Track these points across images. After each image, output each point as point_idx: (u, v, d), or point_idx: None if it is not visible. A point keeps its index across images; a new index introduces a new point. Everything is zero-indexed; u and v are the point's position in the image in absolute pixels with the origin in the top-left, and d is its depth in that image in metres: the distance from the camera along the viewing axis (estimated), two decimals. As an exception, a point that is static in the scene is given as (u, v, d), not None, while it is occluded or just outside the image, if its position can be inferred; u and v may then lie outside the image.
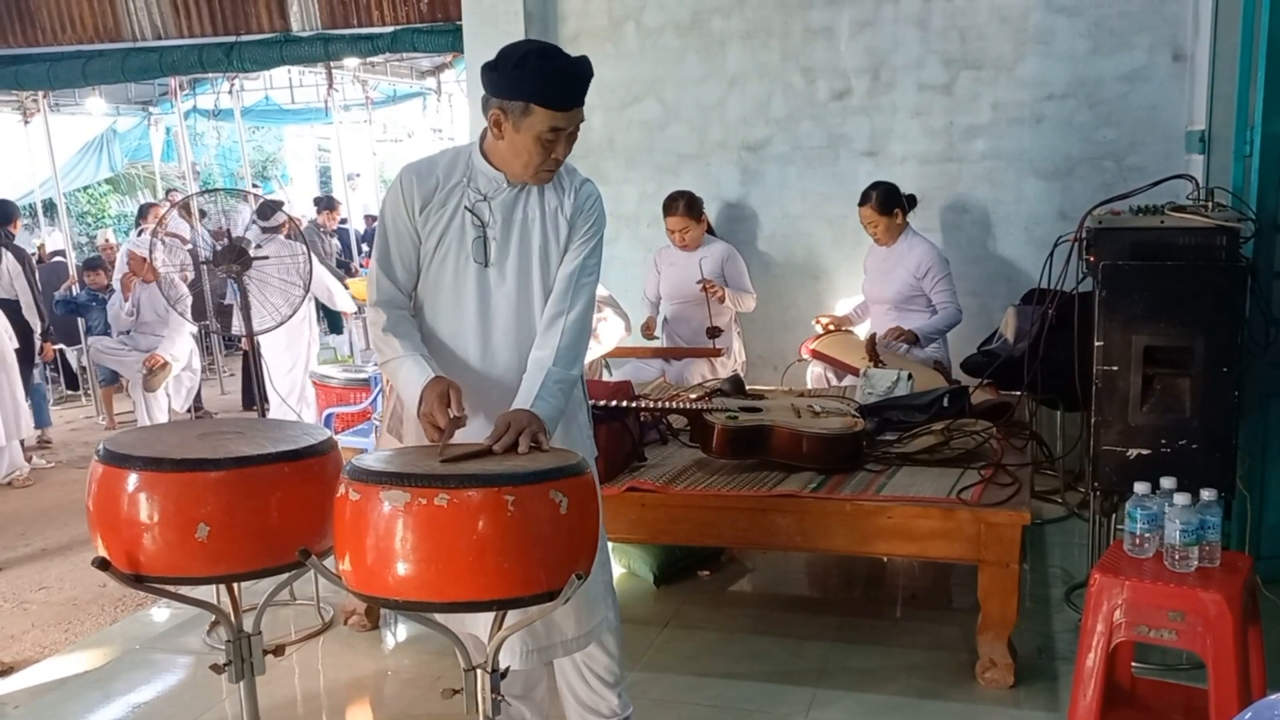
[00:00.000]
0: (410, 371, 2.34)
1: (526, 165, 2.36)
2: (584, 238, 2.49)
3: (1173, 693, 2.76)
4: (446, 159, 2.45)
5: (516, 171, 2.39)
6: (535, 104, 2.27)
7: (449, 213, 2.41)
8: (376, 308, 2.42)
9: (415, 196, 2.40)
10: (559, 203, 2.47)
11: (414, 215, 2.40)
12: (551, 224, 2.46)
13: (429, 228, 2.41)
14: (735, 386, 4.11)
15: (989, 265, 5.20)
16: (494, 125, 2.34)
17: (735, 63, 5.42)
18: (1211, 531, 2.43)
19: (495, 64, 2.30)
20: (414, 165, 2.45)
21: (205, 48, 6.99)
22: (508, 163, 2.38)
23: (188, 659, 3.58)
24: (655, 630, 3.55)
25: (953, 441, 3.57)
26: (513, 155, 2.36)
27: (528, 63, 2.27)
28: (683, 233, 4.91)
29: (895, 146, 5.24)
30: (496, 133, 2.34)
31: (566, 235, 2.47)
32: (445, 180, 2.41)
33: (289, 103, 14.41)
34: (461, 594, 1.95)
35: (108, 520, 2.12)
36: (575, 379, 2.46)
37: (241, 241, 4.51)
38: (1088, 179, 5.00)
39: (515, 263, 2.44)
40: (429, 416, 2.25)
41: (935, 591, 3.98)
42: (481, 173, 2.42)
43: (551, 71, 2.28)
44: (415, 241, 2.42)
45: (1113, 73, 4.93)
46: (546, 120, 2.28)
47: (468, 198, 2.41)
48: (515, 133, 2.31)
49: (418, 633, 3.67)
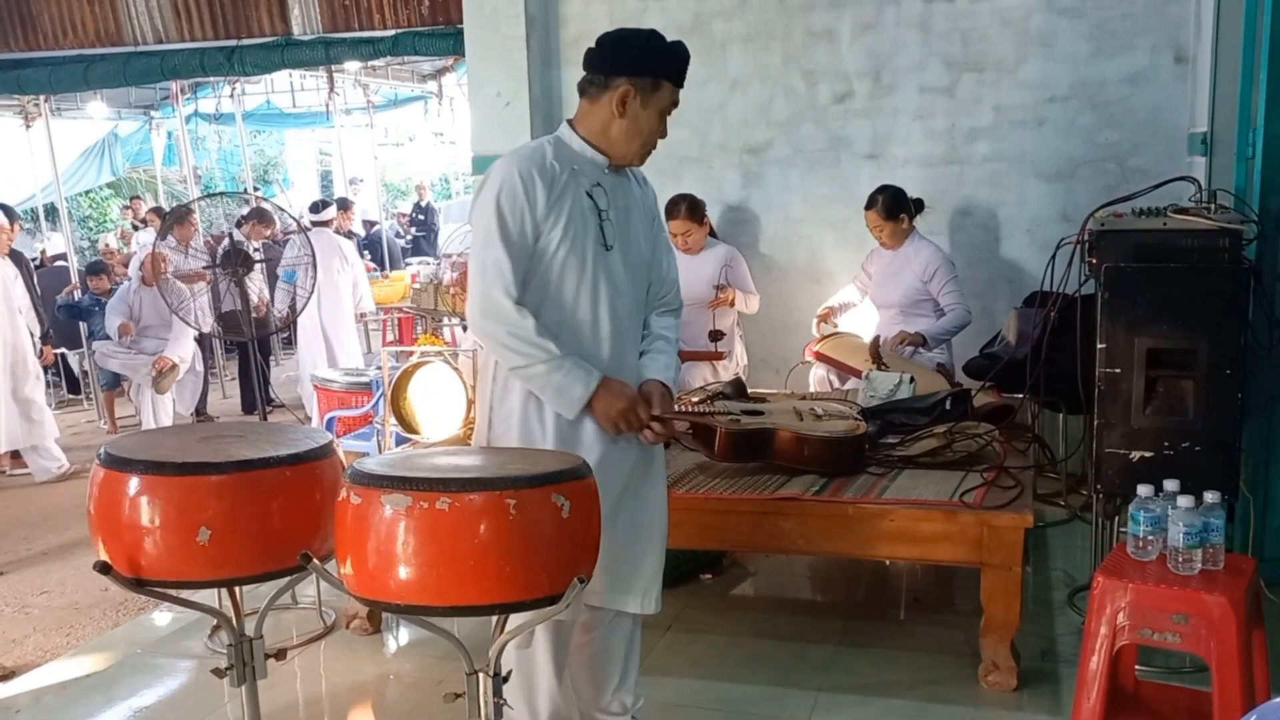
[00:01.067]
0: (573, 373, 2.40)
1: (645, 143, 2.47)
2: (659, 228, 2.64)
3: (1177, 696, 2.76)
4: (546, 149, 2.46)
5: (627, 152, 2.47)
6: (665, 79, 2.41)
7: (569, 200, 2.42)
8: (517, 310, 2.38)
9: (539, 190, 2.39)
10: (640, 189, 2.59)
11: (535, 209, 2.39)
12: (640, 207, 2.58)
13: (553, 219, 2.41)
14: (737, 390, 4.10)
15: (991, 267, 5.20)
16: (619, 103, 2.40)
17: (736, 66, 5.41)
18: (1215, 534, 2.43)
19: (621, 41, 2.44)
20: (523, 159, 2.42)
21: (206, 51, 7.01)
22: (620, 144, 2.45)
23: (190, 663, 3.58)
24: (658, 634, 3.54)
25: (955, 444, 3.57)
26: (633, 133, 2.43)
27: (655, 41, 2.44)
28: (685, 236, 4.91)
29: (897, 149, 5.23)
30: (620, 110, 2.41)
31: (649, 221, 2.60)
32: (560, 169, 2.43)
33: (290, 107, 14.47)
34: (463, 598, 1.95)
35: (109, 524, 2.12)
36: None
37: (241, 245, 4.52)
38: (1090, 181, 4.99)
39: (628, 244, 2.53)
40: (626, 415, 2.43)
41: (938, 594, 3.97)
42: (588, 158, 2.46)
43: (674, 48, 2.45)
44: (533, 237, 2.41)
45: (1115, 75, 4.92)
46: (670, 95, 2.43)
47: (584, 183, 2.45)
48: (642, 109, 2.41)
49: (420, 636, 3.66)
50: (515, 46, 5.50)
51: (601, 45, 2.45)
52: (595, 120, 2.45)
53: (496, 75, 5.58)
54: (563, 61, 5.64)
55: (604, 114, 2.43)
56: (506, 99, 5.57)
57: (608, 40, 2.45)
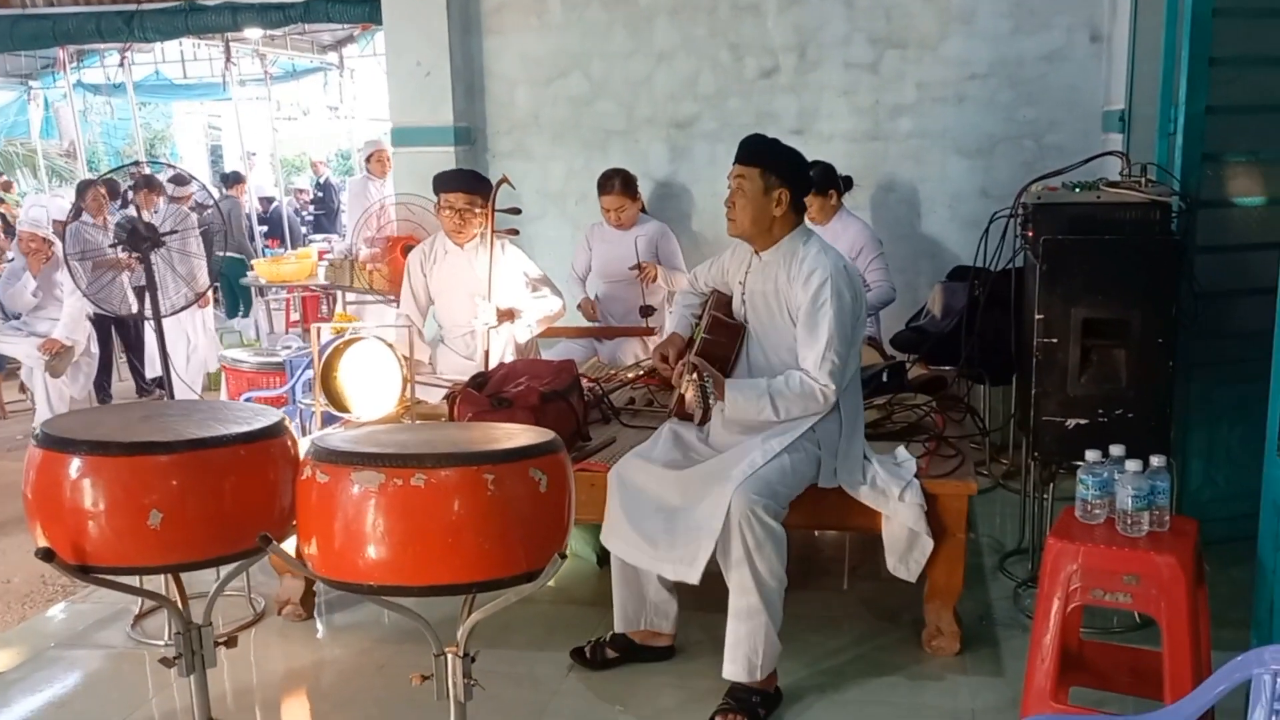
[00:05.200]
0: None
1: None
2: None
3: (1119, 654, 2.84)
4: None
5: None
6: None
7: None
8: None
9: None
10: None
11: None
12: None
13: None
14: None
15: (914, 243, 5.28)
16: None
17: (663, 38, 5.37)
18: (1161, 496, 2.50)
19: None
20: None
21: (104, 15, 6.59)
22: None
23: (108, 653, 3.41)
24: (601, 611, 3.50)
25: (894, 416, 3.62)
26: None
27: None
28: (618, 211, 4.86)
29: (823, 125, 5.27)
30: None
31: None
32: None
33: (181, 78, 13.86)
34: (437, 577, 1.90)
35: (49, 508, 1.99)
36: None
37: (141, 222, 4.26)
38: (1009, 157, 5.10)
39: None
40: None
41: (876, 563, 4.01)
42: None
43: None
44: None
45: (1033, 53, 5.04)
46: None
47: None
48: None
49: (355, 621, 3.56)
50: (435, 14, 5.36)
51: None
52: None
53: (416, 43, 5.43)
54: (484, 30, 5.52)
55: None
56: (427, 68, 5.42)
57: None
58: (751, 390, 2.91)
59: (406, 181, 5.54)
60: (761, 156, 2.98)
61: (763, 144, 3.02)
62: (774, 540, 2.82)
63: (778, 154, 3.01)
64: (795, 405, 2.88)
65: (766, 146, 3.02)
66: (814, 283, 2.90)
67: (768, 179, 2.95)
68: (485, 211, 4.19)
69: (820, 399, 2.88)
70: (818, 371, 2.86)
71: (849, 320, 2.91)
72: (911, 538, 3.07)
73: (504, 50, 5.54)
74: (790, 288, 2.96)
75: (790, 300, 2.97)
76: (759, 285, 3.06)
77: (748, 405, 2.89)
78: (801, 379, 2.88)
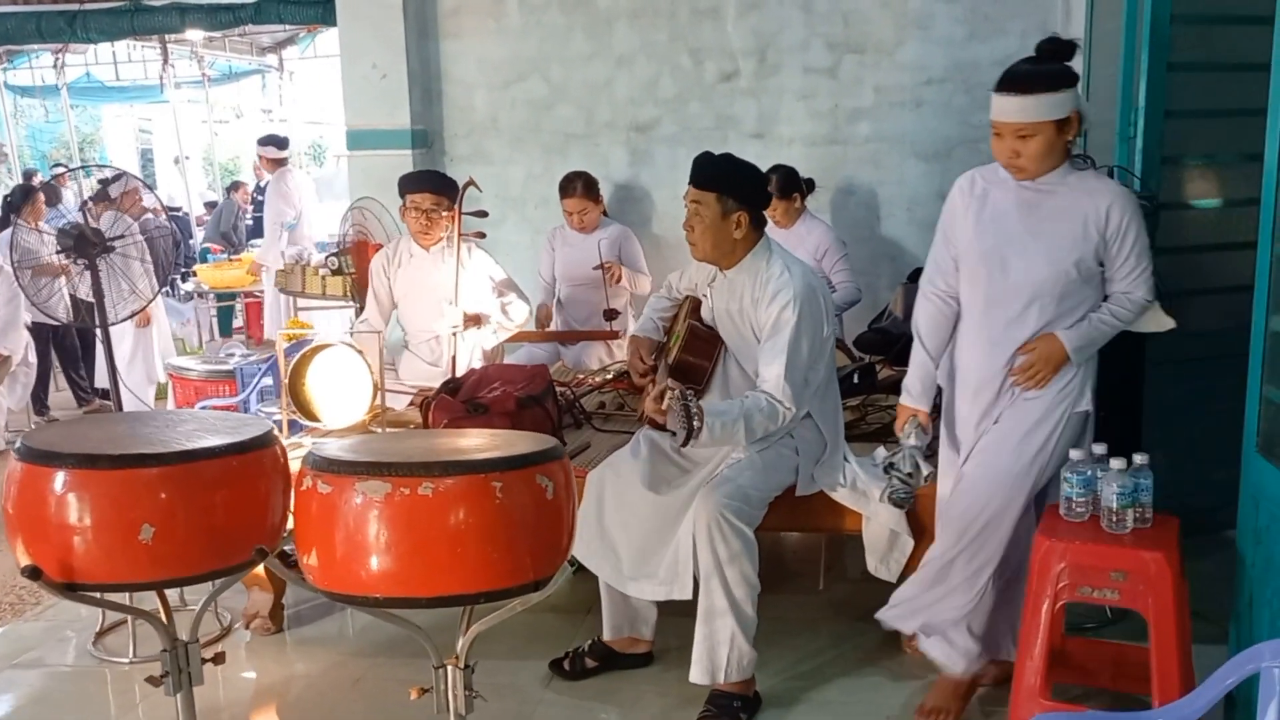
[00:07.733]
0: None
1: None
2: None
3: (1101, 649, 2.89)
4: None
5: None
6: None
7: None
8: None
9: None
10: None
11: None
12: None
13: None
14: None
15: (874, 245, 5.32)
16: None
17: (623, 42, 5.35)
18: (1145, 494, 2.54)
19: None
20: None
21: (45, 15, 6.35)
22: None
23: (69, 672, 3.29)
24: (579, 616, 3.48)
25: (868, 417, 3.64)
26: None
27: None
28: (581, 214, 4.83)
29: (783, 128, 5.29)
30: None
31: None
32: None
33: (113, 79, 13.50)
34: (445, 588, 1.86)
35: (33, 524, 1.91)
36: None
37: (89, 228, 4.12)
38: (966, 161, 5.10)
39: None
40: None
41: (850, 563, 4.04)
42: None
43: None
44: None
45: (988, 58, 5.09)
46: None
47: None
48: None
49: (324, 633, 3.50)
50: (392, 16, 5.29)
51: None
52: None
53: (372, 46, 5.35)
54: (441, 33, 5.46)
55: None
56: (382, 71, 5.34)
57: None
58: (728, 415, 2.80)
59: (362, 185, 5.45)
60: (716, 181, 2.91)
61: (716, 167, 2.95)
62: (744, 544, 2.82)
63: (732, 176, 2.94)
64: (762, 426, 2.85)
65: (720, 170, 2.94)
66: (778, 304, 2.88)
67: (725, 203, 2.89)
68: (452, 214, 4.14)
69: (781, 419, 2.86)
70: (780, 393, 2.84)
71: (816, 339, 2.91)
72: (892, 538, 3.09)
73: (462, 54, 5.47)
74: (755, 310, 2.94)
75: (756, 321, 2.95)
76: (724, 304, 3.05)
77: (725, 435, 2.78)
78: (768, 399, 2.84)
